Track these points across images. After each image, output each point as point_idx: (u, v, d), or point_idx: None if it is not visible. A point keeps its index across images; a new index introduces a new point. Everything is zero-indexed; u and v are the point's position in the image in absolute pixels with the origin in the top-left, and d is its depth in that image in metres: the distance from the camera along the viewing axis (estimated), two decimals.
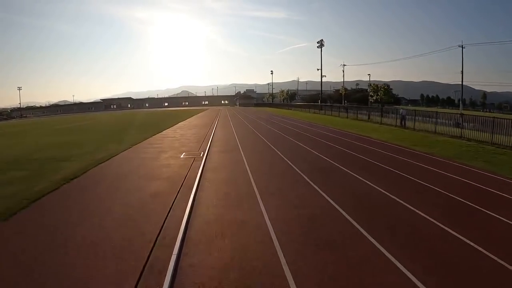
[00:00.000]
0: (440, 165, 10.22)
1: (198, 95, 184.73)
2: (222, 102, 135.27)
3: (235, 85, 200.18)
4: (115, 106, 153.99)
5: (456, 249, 4.57)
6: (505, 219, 5.60)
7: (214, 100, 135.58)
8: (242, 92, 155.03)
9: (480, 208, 6.22)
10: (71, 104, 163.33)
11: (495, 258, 4.24)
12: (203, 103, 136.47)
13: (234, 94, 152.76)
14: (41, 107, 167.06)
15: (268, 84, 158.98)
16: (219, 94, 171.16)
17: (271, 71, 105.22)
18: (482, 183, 8.03)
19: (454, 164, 10.55)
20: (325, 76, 58.52)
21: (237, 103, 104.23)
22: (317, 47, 55.93)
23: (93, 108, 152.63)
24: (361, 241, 4.85)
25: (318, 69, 55.44)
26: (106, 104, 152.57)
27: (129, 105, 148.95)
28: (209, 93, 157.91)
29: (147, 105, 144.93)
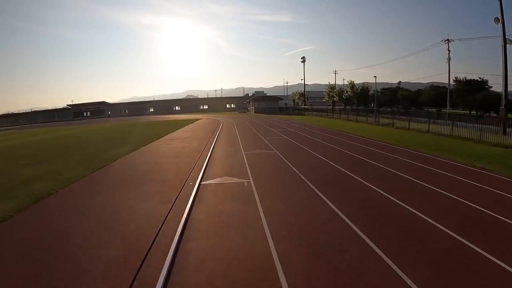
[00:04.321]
0: None
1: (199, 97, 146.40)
2: (227, 106, 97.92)
3: (243, 88, 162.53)
4: (89, 114, 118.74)
5: None
6: None
7: (217, 104, 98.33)
8: (250, 95, 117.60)
9: None
10: (35, 112, 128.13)
11: None
12: (202, 107, 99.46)
13: (243, 95, 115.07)
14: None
15: (285, 84, 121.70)
16: (224, 96, 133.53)
17: (303, 57, 67.60)
18: None
19: None
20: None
21: (250, 108, 66.44)
22: None
23: (58, 117, 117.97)
24: None
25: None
26: (76, 111, 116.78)
27: (106, 112, 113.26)
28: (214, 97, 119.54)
29: (126, 111, 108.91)
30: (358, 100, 48.13)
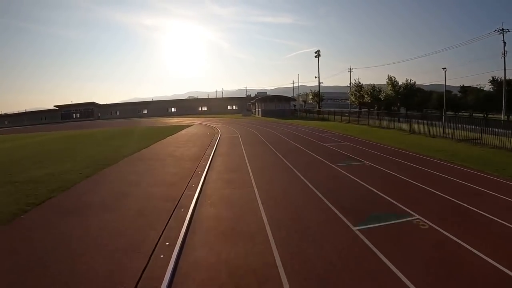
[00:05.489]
0: None
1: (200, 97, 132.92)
2: (229, 107, 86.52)
3: (245, 88, 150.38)
4: (78, 115, 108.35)
5: None
6: None
7: (217, 105, 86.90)
8: (252, 96, 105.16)
9: None
10: (21, 113, 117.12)
11: None
12: (200, 109, 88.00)
13: (245, 96, 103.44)
14: None
15: (293, 83, 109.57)
16: (226, 96, 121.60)
17: (317, 51, 56.44)
18: None
19: None
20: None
21: (255, 110, 54.95)
22: None
23: (45, 118, 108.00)
24: None
25: None
26: (64, 113, 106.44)
27: (96, 114, 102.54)
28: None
29: (117, 113, 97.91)
30: (403, 101, 36.31)
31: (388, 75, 37.69)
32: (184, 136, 20.78)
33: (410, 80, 38.44)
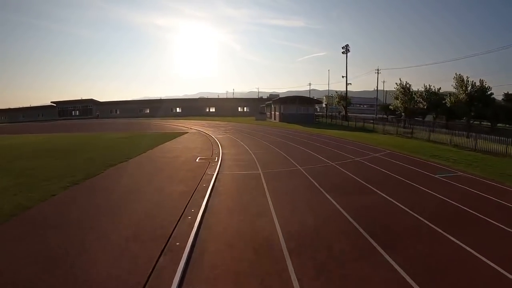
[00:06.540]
0: None
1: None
2: (239, 109, 77.08)
3: (257, 90, 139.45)
4: (77, 113, 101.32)
5: None
6: None
7: (226, 107, 77.49)
8: (264, 98, 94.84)
9: None
10: (18, 109, 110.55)
11: None
12: (208, 110, 78.80)
13: (257, 98, 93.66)
14: None
15: (309, 85, 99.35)
16: (236, 97, 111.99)
17: (345, 46, 47.30)
18: None
19: None
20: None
21: (272, 113, 45.11)
22: None
23: (42, 115, 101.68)
24: None
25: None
26: (61, 110, 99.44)
27: (95, 112, 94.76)
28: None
29: (117, 111, 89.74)
30: (478, 110, 25.61)
31: (456, 73, 27.28)
32: (151, 164, 11.11)
33: (484, 82, 27.98)
